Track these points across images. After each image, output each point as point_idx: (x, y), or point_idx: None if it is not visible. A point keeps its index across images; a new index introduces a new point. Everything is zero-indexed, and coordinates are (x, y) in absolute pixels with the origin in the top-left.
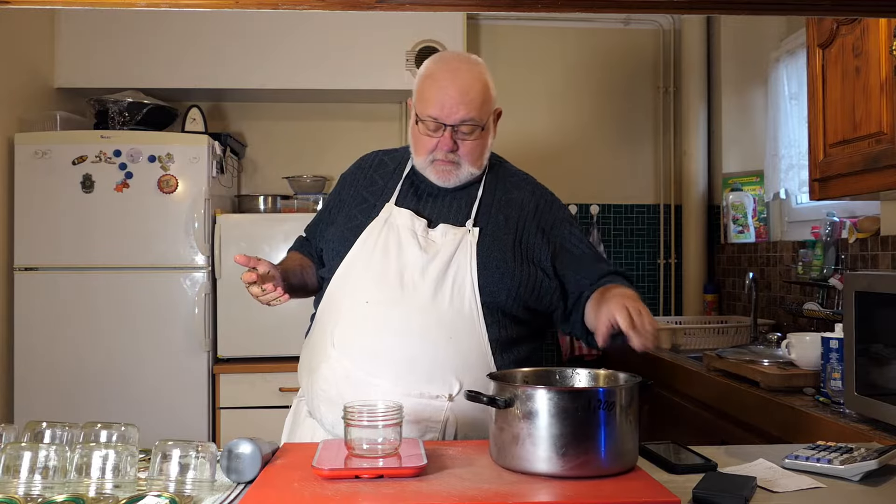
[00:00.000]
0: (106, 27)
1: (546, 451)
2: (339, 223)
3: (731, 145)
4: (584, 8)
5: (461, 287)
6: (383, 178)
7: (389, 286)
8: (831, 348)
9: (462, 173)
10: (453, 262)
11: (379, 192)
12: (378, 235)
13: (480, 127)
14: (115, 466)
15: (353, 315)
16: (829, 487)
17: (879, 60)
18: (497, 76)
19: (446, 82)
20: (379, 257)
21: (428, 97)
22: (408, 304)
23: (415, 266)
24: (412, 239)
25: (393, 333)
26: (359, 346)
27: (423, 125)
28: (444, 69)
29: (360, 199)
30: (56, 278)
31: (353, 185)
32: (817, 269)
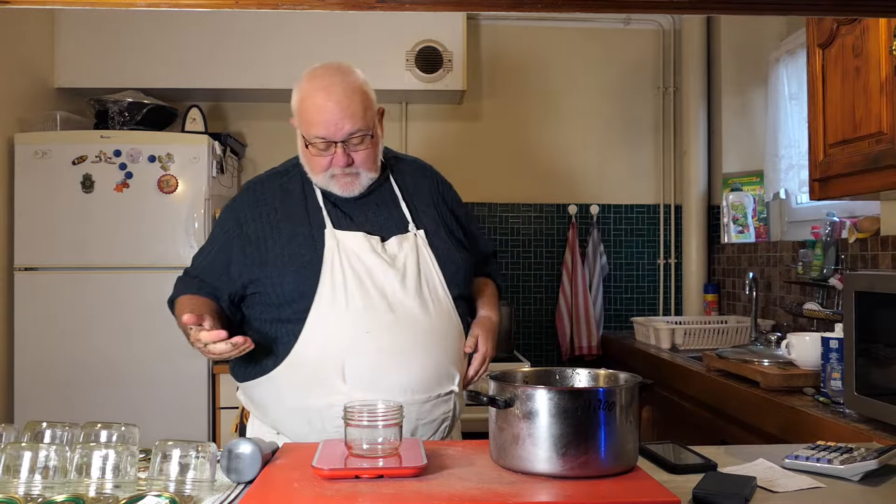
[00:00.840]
0: (106, 27)
1: (546, 451)
2: (280, 263)
3: (731, 145)
4: (584, 8)
5: (435, 290)
6: (297, 204)
7: (380, 312)
8: (831, 348)
9: (363, 181)
10: (421, 269)
11: (303, 220)
12: (341, 265)
13: (369, 135)
14: (115, 466)
15: (358, 348)
16: (829, 487)
17: (879, 60)
18: (497, 76)
19: (324, 100)
20: (354, 285)
21: (311, 119)
22: (403, 324)
23: (392, 285)
24: (377, 259)
25: (401, 355)
26: (372, 377)
27: (312, 147)
28: (318, 87)
29: (290, 233)
30: (56, 278)
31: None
32: (817, 269)
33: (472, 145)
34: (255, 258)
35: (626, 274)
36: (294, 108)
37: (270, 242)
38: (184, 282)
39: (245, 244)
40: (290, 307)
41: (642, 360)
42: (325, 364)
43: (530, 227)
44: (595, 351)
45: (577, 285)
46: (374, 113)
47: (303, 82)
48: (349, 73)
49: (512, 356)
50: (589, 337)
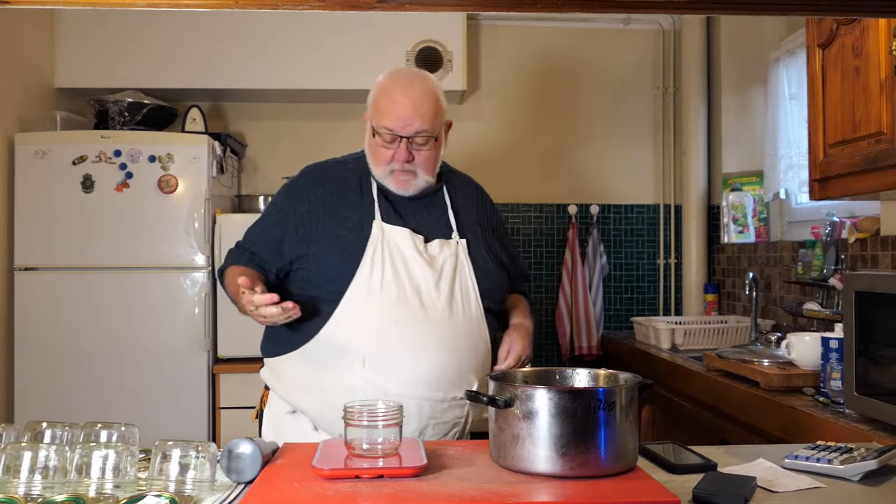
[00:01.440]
0: (106, 27)
1: (546, 451)
2: (327, 242)
3: (730, 145)
4: (584, 8)
5: (467, 297)
6: (353, 192)
7: (412, 306)
8: (831, 348)
9: (419, 182)
10: (457, 275)
11: (356, 208)
12: (382, 255)
13: (434, 137)
14: (115, 466)
15: (385, 337)
16: (829, 487)
17: (879, 60)
18: (497, 76)
19: (400, 96)
20: (391, 276)
21: (384, 110)
22: (431, 321)
23: (427, 283)
24: (418, 257)
25: (423, 350)
26: (393, 365)
27: (379, 137)
28: (397, 84)
29: (340, 218)
30: (56, 278)
31: (315, 201)
32: (817, 269)
33: (472, 145)
34: (304, 236)
35: (626, 274)
36: (370, 100)
37: (321, 224)
38: (235, 254)
39: (298, 223)
40: (327, 287)
41: (642, 360)
42: (349, 347)
43: (530, 227)
44: (595, 351)
45: (577, 285)
46: (443, 121)
47: (384, 78)
48: (428, 78)
49: None
50: (589, 337)
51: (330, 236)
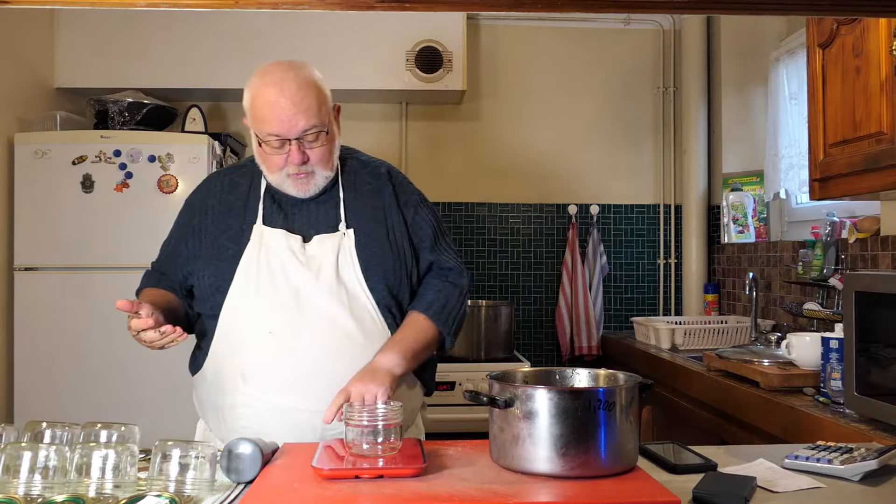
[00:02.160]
0: (106, 27)
1: (546, 451)
2: (208, 255)
3: (731, 145)
4: (584, 8)
5: (354, 294)
6: (240, 198)
7: (288, 310)
8: (831, 348)
9: (318, 180)
10: (339, 271)
11: (240, 214)
12: (257, 260)
13: (324, 131)
14: (115, 466)
15: (259, 347)
16: (829, 487)
17: (879, 60)
18: (497, 76)
19: (276, 96)
20: (266, 283)
21: (263, 116)
22: (312, 325)
23: (304, 285)
24: (292, 258)
25: (306, 357)
26: (273, 377)
27: (266, 146)
28: (270, 84)
29: (224, 227)
30: (56, 278)
31: (206, 212)
32: (817, 269)
33: (472, 145)
34: (193, 251)
35: (626, 274)
36: (246, 106)
37: (207, 236)
38: (147, 275)
39: (190, 237)
40: (208, 302)
41: (642, 360)
42: (229, 363)
43: (530, 227)
44: (595, 351)
45: (577, 285)
46: (330, 109)
47: (254, 79)
48: (302, 68)
49: (512, 356)
50: (589, 337)
51: (211, 248)
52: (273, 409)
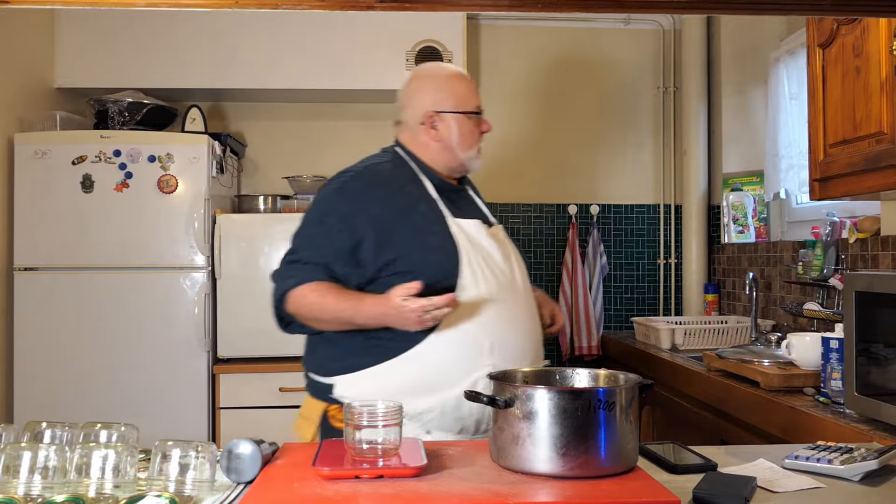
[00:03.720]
0: (106, 27)
1: (546, 451)
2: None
3: (731, 145)
4: (584, 8)
5: (524, 275)
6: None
7: (505, 289)
8: (831, 348)
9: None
10: (515, 253)
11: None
12: (472, 251)
13: None
14: (115, 466)
15: (502, 322)
16: (829, 487)
17: (879, 60)
18: (497, 76)
19: (466, 79)
20: (486, 268)
21: (465, 94)
22: (520, 299)
23: (503, 266)
24: (492, 242)
25: (523, 326)
26: (513, 347)
27: (471, 120)
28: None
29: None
30: (56, 278)
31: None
32: (817, 269)
33: None
34: (384, 242)
35: (626, 274)
36: (447, 93)
37: (403, 225)
38: (303, 271)
39: (374, 228)
40: (431, 288)
41: (642, 360)
42: (474, 340)
43: (530, 227)
44: (595, 351)
45: (577, 285)
46: None
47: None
48: None
49: None
50: (589, 337)
51: (416, 239)
52: None
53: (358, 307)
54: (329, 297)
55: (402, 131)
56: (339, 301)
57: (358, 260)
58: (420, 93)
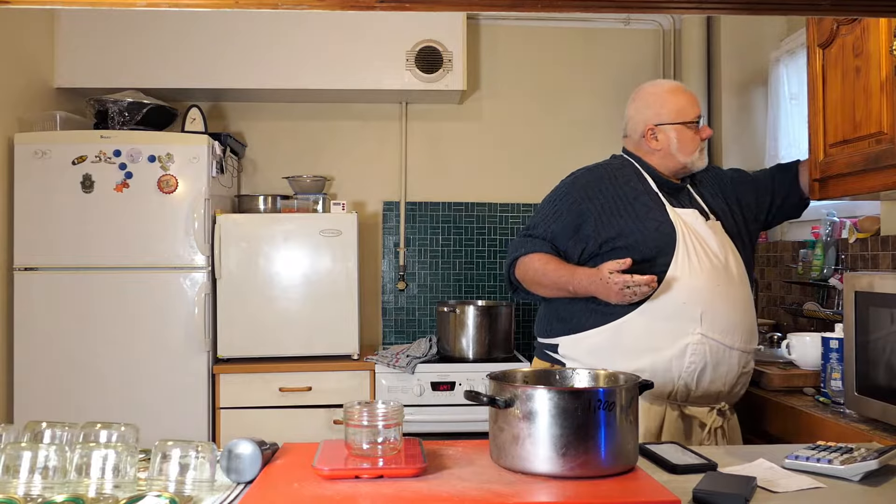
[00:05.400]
0: (106, 27)
1: (546, 451)
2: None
3: (731, 145)
4: (584, 8)
5: (740, 265)
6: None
7: (720, 272)
8: (831, 348)
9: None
10: (728, 247)
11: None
12: (688, 234)
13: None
14: (115, 466)
15: (714, 298)
16: (829, 487)
17: (879, 60)
18: (497, 76)
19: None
20: (701, 250)
21: (686, 105)
22: (735, 284)
23: (720, 253)
24: (708, 230)
25: (735, 308)
26: (722, 321)
27: (692, 127)
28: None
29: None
30: (56, 278)
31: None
32: (817, 269)
33: (472, 145)
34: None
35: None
36: (667, 108)
37: (626, 209)
38: (532, 243)
39: (599, 209)
40: (648, 262)
41: None
42: (686, 309)
43: None
44: None
45: None
46: None
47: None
48: None
49: (512, 356)
50: None
51: (636, 221)
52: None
53: (573, 275)
54: (550, 266)
55: (627, 143)
56: (558, 269)
57: (581, 237)
58: (642, 108)
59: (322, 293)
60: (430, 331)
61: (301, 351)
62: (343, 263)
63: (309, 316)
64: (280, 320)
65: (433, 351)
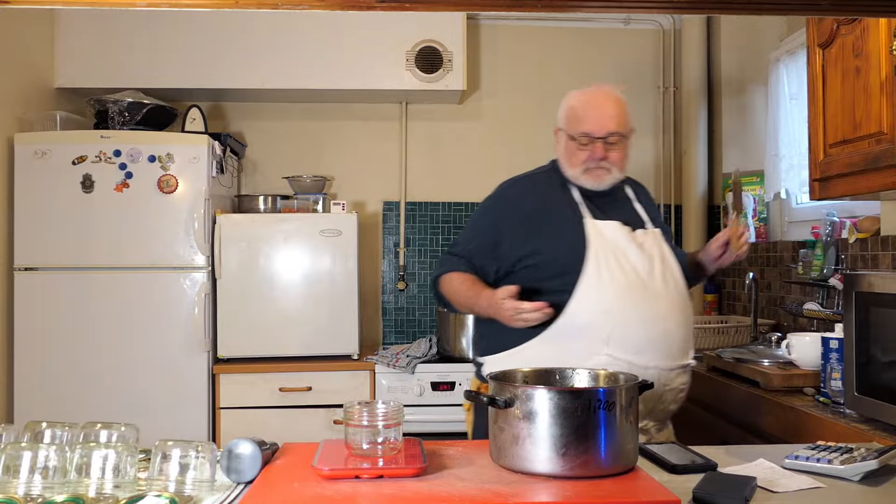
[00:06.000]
0: (106, 27)
1: (546, 451)
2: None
3: (731, 145)
4: (584, 8)
5: (674, 276)
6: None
7: (636, 287)
8: (831, 348)
9: (612, 177)
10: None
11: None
12: (602, 247)
13: (625, 138)
14: (115, 466)
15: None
16: (829, 487)
17: (879, 60)
18: (497, 76)
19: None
20: (614, 264)
21: (581, 117)
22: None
23: (643, 266)
24: (631, 243)
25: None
26: (632, 339)
27: (576, 142)
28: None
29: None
30: (56, 278)
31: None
32: (817, 269)
33: (472, 145)
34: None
35: None
36: (563, 113)
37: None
38: (451, 262)
39: (516, 226)
40: (559, 279)
41: None
42: (592, 329)
43: None
44: None
45: None
46: (630, 125)
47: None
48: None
49: None
50: None
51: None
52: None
53: (479, 297)
54: (464, 286)
55: None
56: (469, 290)
57: (497, 255)
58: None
59: (322, 293)
60: (430, 331)
61: (301, 351)
62: (343, 263)
63: (309, 316)
64: (280, 320)
65: (433, 351)
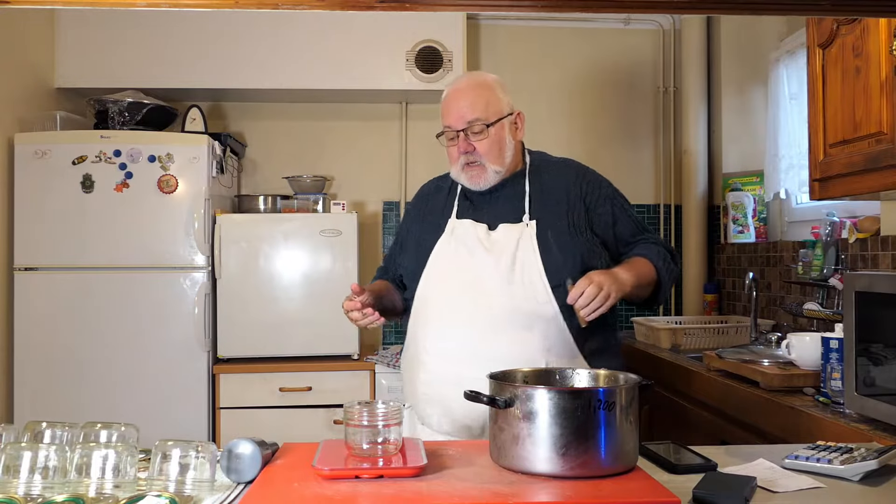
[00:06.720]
0: (106, 27)
1: (546, 451)
2: (411, 249)
3: (731, 145)
4: (584, 8)
5: (531, 277)
6: (441, 199)
7: (468, 291)
8: (831, 348)
9: (489, 174)
10: (517, 256)
11: (440, 211)
12: (447, 248)
13: (487, 125)
14: (115, 466)
15: (441, 323)
16: (829, 487)
17: (879, 60)
18: (497, 76)
19: (452, 94)
20: (453, 268)
21: (443, 112)
22: (488, 305)
23: (485, 268)
24: (478, 244)
25: (480, 332)
26: (451, 348)
27: (444, 137)
28: (453, 87)
29: (427, 224)
30: (56, 278)
31: (416, 215)
32: (817, 269)
33: None
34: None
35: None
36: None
37: (414, 234)
38: (378, 269)
39: (403, 237)
40: (410, 288)
41: (642, 360)
42: (415, 339)
43: None
44: None
45: None
46: (500, 110)
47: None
48: (481, 74)
49: None
50: None
51: (415, 243)
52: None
53: None
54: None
55: None
56: None
57: (396, 263)
58: None
59: (322, 293)
60: None
61: (301, 351)
62: (343, 263)
63: (309, 316)
64: (280, 320)
65: None
